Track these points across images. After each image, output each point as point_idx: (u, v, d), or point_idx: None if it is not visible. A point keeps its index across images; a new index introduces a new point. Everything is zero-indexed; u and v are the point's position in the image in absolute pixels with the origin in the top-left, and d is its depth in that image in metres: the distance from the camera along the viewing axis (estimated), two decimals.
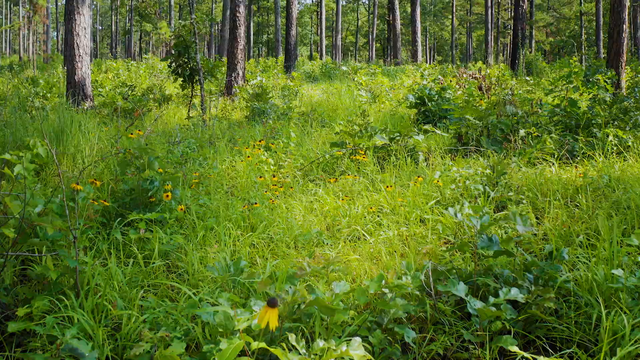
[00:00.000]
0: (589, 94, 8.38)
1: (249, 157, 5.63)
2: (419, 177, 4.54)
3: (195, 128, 9.10)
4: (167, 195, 4.22)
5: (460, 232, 3.96)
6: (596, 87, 7.66)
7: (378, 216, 4.45)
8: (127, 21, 57.73)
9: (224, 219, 4.27)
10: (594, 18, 50.92)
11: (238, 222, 4.26)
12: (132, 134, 4.86)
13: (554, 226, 4.28)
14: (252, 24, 56.31)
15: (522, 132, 6.52)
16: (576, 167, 6.26)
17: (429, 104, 9.40)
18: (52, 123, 6.87)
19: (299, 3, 65.44)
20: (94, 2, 70.39)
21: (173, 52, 10.45)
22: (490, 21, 41.68)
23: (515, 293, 2.55)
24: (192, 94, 10.96)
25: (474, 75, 10.92)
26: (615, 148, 6.55)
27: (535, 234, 4.06)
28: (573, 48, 47.80)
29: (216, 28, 59.29)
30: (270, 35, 64.08)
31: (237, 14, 14.89)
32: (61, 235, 2.96)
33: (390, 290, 2.57)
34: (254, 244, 4.00)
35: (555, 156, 6.37)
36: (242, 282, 3.00)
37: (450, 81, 10.90)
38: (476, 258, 2.99)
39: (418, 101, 9.56)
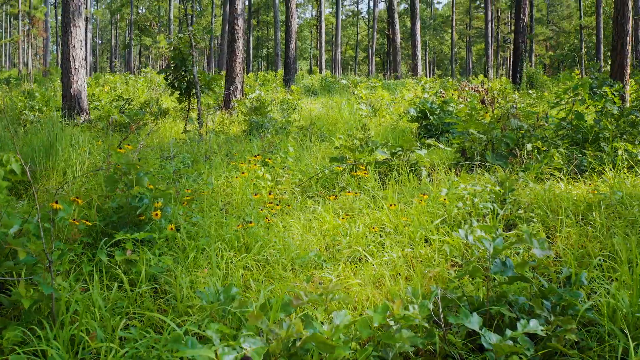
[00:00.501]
0: (595, 107, 8.18)
1: (244, 172, 5.39)
2: (424, 194, 4.30)
3: (192, 142, 8.88)
4: (157, 214, 3.98)
5: (468, 253, 3.71)
6: (603, 99, 7.44)
7: (380, 236, 4.20)
8: (127, 35, 57.78)
9: (216, 238, 4.03)
10: (594, 32, 51.00)
11: (232, 242, 4.01)
12: (121, 148, 4.61)
13: (567, 246, 4.04)
14: (251, 38, 56.35)
15: (529, 146, 6.29)
16: (585, 182, 6.02)
17: (431, 117, 9.18)
18: (42, 137, 6.64)
19: (298, 17, 65.54)
20: (94, 17, 70.57)
21: (170, 65, 10.26)
22: (490, 35, 41.65)
23: (534, 325, 2.30)
24: (189, 108, 10.74)
25: (476, 89, 10.71)
26: (625, 162, 6.32)
27: (547, 256, 3.82)
28: (573, 62, 47.80)
29: (216, 42, 59.34)
30: (269, 50, 64.18)
31: (236, 27, 14.72)
32: (35, 259, 2.71)
33: (395, 322, 2.31)
34: (248, 266, 3.75)
35: (564, 171, 6.13)
36: (232, 312, 2.75)
37: (452, 94, 10.70)
38: (489, 284, 2.74)
39: (420, 115, 9.34)
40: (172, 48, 9.98)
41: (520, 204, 4.86)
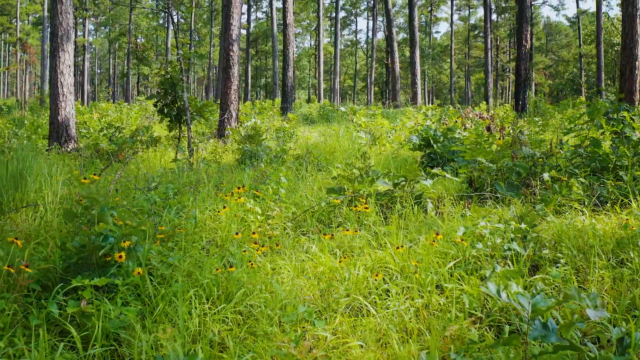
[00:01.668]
0: (610, 134, 7.65)
1: (225, 207, 4.81)
2: (437, 234, 3.70)
3: (179, 172, 8.32)
4: (120, 256, 3.39)
5: (490, 303, 3.12)
6: (621, 124, 6.90)
7: (384, 280, 3.60)
8: (125, 64, 57.73)
9: (192, 284, 3.44)
10: (593, 60, 51.04)
11: (210, 288, 3.42)
12: (86, 178, 4.04)
13: (603, 293, 3.45)
14: (250, 67, 56.29)
15: (545, 175, 5.72)
16: (607, 214, 5.45)
17: (435, 145, 8.63)
18: (11, 166, 6.07)
19: (297, 47, 65.66)
20: (93, 46, 70.74)
21: (159, 90, 9.76)
22: (489, 63, 41.47)
23: None
24: (179, 136, 10.21)
25: (481, 115, 10.21)
26: None
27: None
28: (572, 90, 47.66)
29: (214, 71, 59.28)
30: (268, 79, 64.16)
31: (231, 53, 14.28)
32: None
33: None
34: (227, 320, 3.15)
35: (585, 203, 5.56)
36: None
37: (456, 122, 10.18)
38: (527, 353, 2.14)
39: (422, 143, 8.80)
40: (162, 73, 9.48)
41: (543, 241, 4.28)
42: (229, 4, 14.30)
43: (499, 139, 6.84)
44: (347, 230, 4.21)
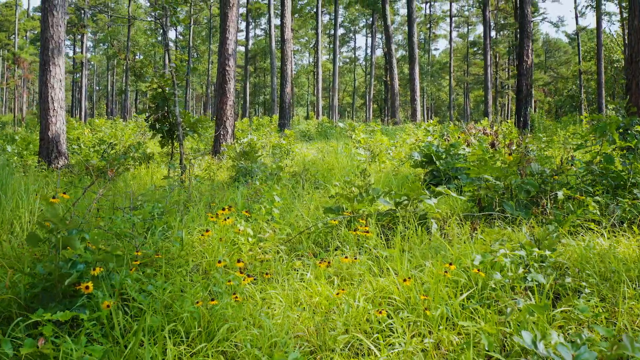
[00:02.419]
0: (622, 150, 7.28)
1: (208, 231, 4.41)
2: (450, 264, 3.28)
3: (169, 189, 7.94)
4: (88, 286, 2.98)
5: (509, 343, 2.71)
6: (635, 140, 6.52)
7: (387, 314, 3.19)
8: (123, 81, 57.52)
9: (170, 319, 3.03)
10: (592, 77, 50.98)
11: (190, 324, 3.01)
12: (55, 197, 3.64)
13: (634, 327, 3.04)
14: (248, 84, 56.12)
15: (560, 194, 5.33)
16: (625, 235, 5.05)
17: (437, 162, 8.25)
18: None
19: (295, 64, 65.53)
20: (91, 63, 70.66)
21: (151, 105, 9.39)
22: (489, 79, 41.28)
23: None
24: (172, 152, 9.82)
25: (484, 131, 9.85)
26: None
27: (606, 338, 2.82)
28: (572, 107, 47.48)
29: (212, 89, 59.08)
30: (266, 96, 64.00)
31: (227, 68, 13.94)
32: None
33: None
34: None
35: (602, 223, 5.17)
36: None
37: (458, 137, 9.81)
38: None
39: (424, 159, 8.42)
40: (154, 86, 9.12)
41: (560, 265, 3.88)
42: (225, 17, 14.00)
43: (509, 154, 6.45)
44: (346, 257, 3.79)
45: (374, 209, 5.67)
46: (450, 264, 3.28)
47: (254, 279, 3.91)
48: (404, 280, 3.24)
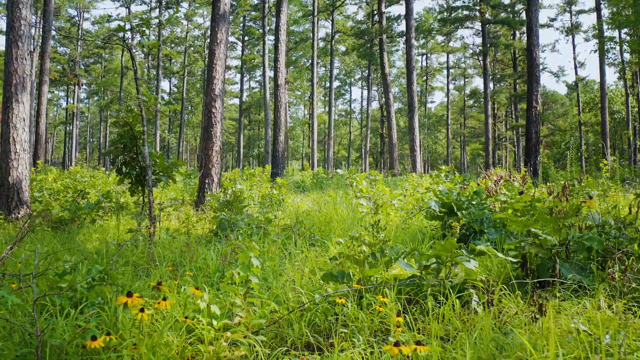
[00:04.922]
0: None
1: (142, 310, 2.89)
2: None
3: (131, 246, 6.42)
4: None
5: None
6: None
7: None
8: (116, 132, 56.37)
9: None
10: (591, 128, 50.32)
11: None
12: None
13: None
14: (242, 136, 55.10)
15: None
16: None
17: (459, 213, 6.77)
18: None
19: (290, 117, 64.65)
20: (85, 114, 69.76)
21: (117, 145, 7.95)
22: (489, 130, 40.32)
23: None
24: (143, 201, 8.31)
25: (507, 178, 8.46)
26: None
27: None
28: (572, 158, 46.48)
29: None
30: (260, 149, 62.89)
31: (213, 110, 12.59)
32: None
33: None
34: None
35: None
36: None
37: (479, 185, 8.39)
38: None
39: (443, 210, 6.95)
40: (121, 123, 7.70)
41: None
42: (212, 56, 12.74)
43: (565, 201, 4.99)
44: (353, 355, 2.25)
45: (390, 275, 4.18)
46: None
47: None
48: None
